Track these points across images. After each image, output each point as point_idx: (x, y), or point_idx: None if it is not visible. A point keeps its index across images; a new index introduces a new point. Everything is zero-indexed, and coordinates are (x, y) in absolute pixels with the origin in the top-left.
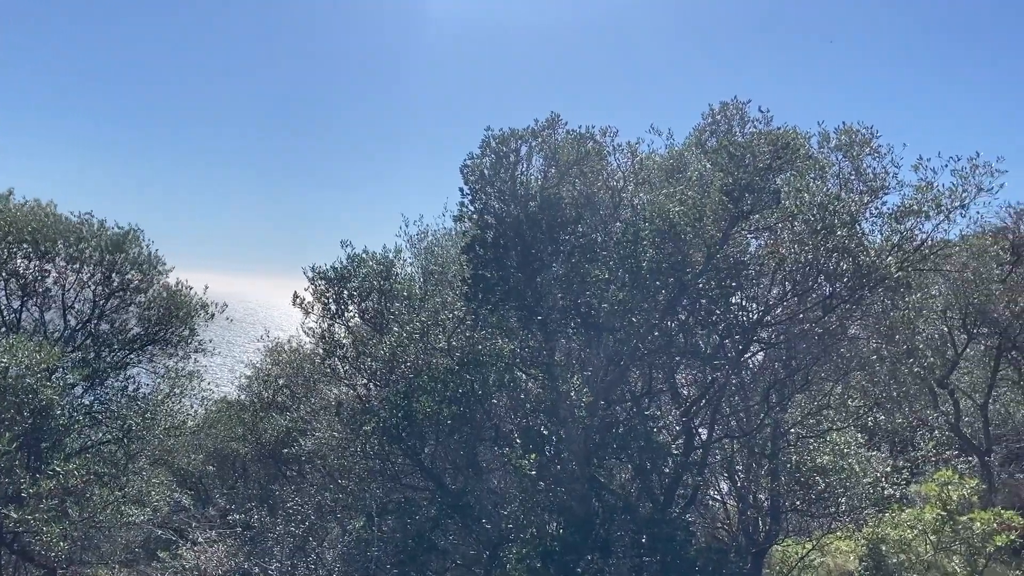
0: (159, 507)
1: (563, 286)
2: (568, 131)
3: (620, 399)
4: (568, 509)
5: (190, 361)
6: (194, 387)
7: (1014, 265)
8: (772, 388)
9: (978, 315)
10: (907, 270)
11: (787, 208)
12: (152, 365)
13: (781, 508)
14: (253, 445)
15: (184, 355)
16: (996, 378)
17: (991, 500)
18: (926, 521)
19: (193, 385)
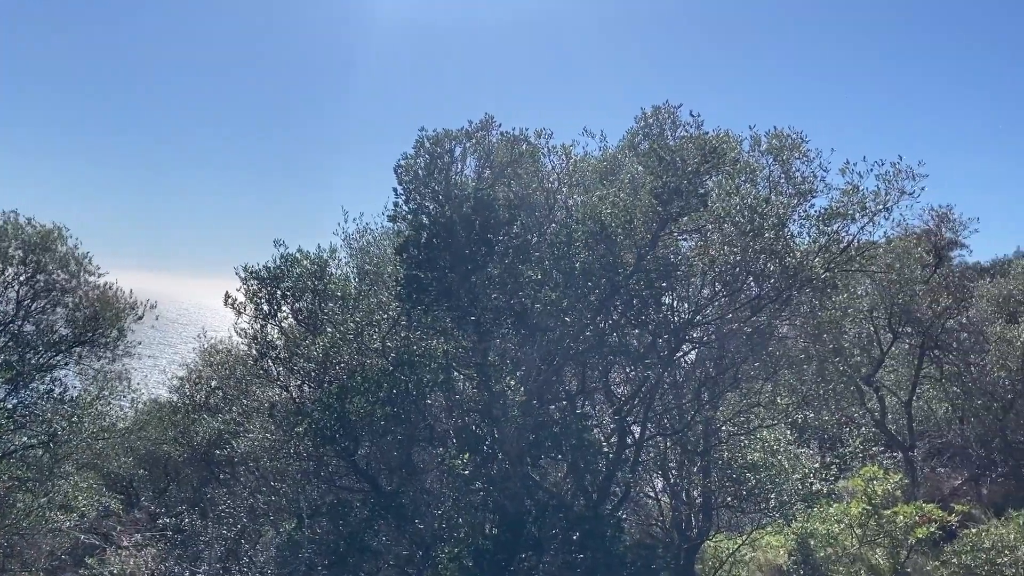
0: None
1: (497, 287)
2: (502, 133)
3: (554, 398)
4: (501, 508)
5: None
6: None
7: (936, 266)
8: (703, 386)
9: (902, 315)
10: (834, 271)
11: (716, 210)
12: (80, 367)
13: (713, 504)
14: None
15: (113, 357)
16: (919, 376)
17: (914, 494)
18: (852, 515)
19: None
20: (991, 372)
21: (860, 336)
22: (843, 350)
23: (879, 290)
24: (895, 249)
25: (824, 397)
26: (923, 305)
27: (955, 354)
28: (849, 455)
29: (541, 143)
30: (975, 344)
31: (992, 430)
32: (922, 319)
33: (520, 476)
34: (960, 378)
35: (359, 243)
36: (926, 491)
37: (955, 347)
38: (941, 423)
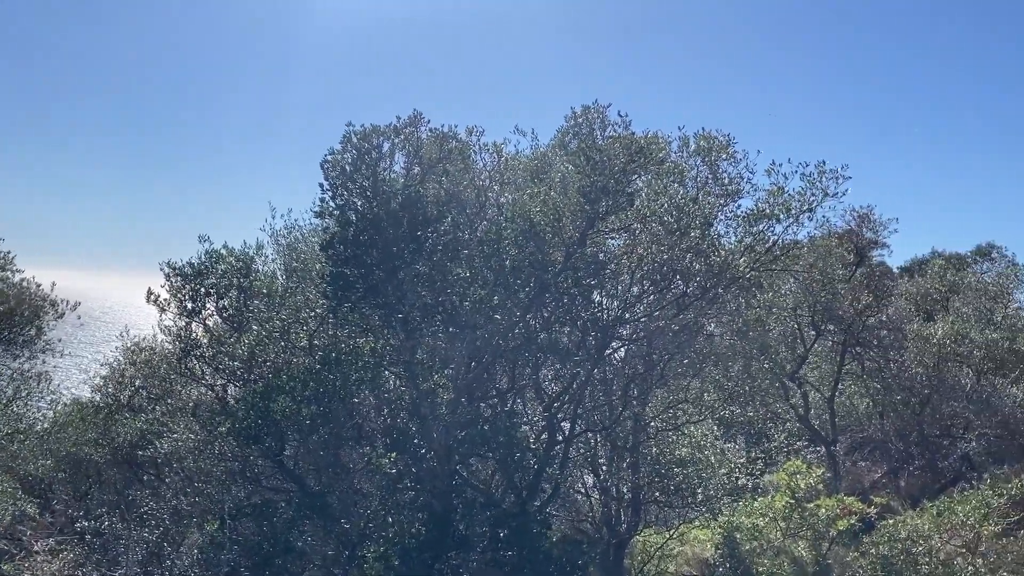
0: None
1: (426, 284)
2: (431, 129)
3: (485, 396)
4: (428, 506)
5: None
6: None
7: (857, 265)
8: (632, 383)
9: (825, 313)
10: (759, 270)
11: (641, 210)
12: None
13: (642, 500)
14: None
15: (31, 355)
16: (841, 372)
17: (836, 487)
18: (776, 509)
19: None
20: (909, 368)
21: (784, 334)
22: (768, 347)
23: (803, 289)
24: (818, 248)
25: (750, 393)
26: (845, 303)
27: (875, 351)
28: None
29: (472, 140)
30: (894, 341)
31: (910, 424)
32: (844, 317)
33: (448, 474)
34: (880, 374)
35: (287, 240)
36: (847, 484)
37: (875, 344)
38: (862, 418)
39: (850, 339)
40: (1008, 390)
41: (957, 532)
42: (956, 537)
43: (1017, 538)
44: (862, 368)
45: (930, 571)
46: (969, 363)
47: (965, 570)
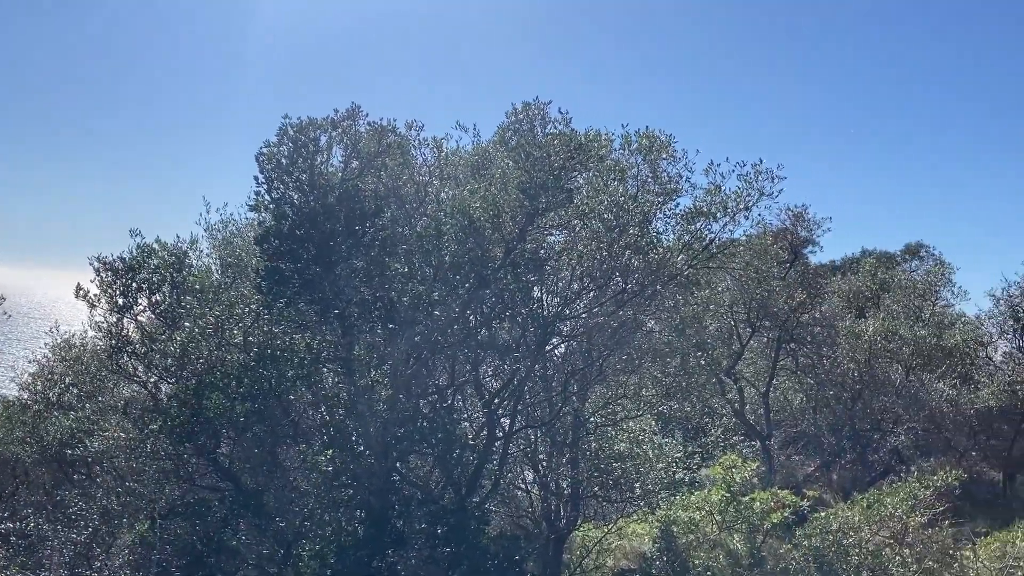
0: None
1: (363, 279)
2: (370, 123)
3: (424, 392)
4: (365, 504)
5: None
6: None
7: (792, 263)
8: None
9: (760, 310)
10: (696, 268)
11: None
12: None
13: (581, 494)
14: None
15: None
16: (776, 368)
17: (771, 480)
18: (712, 502)
19: None
20: (841, 364)
21: (721, 330)
22: (705, 344)
23: (739, 286)
24: (754, 247)
25: (687, 389)
26: (780, 301)
27: (809, 347)
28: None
29: (412, 135)
30: (827, 338)
31: (842, 419)
32: (779, 314)
33: (385, 472)
34: (814, 370)
35: (223, 234)
36: (782, 477)
37: (809, 340)
38: (796, 413)
39: (784, 336)
40: (935, 385)
41: (886, 523)
42: (885, 528)
43: (941, 528)
44: (796, 364)
45: (860, 562)
46: (898, 359)
47: (892, 560)
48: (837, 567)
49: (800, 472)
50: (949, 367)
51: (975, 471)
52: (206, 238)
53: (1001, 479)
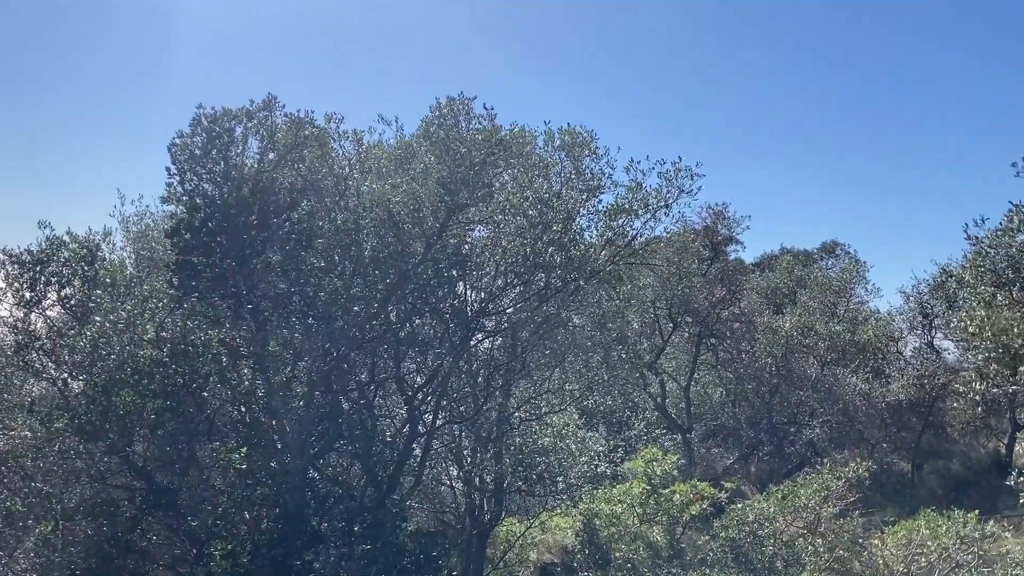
0: None
1: (279, 274)
2: (287, 114)
3: (344, 389)
4: (281, 501)
5: None
6: None
7: (712, 260)
8: (495, 374)
9: (682, 305)
10: (618, 264)
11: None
12: None
13: (505, 489)
14: None
15: None
16: (697, 362)
17: (691, 473)
18: (634, 495)
19: None
20: (759, 359)
21: (644, 325)
22: (627, 338)
23: (661, 282)
24: (675, 244)
25: (609, 383)
26: (700, 297)
27: (728, 342)
28: (634, 438)
29: (331, 127)
30: (746, 333)
31: (760, 412)
32: (699, 310)
33: (302, 469)
34: (733, 364)
35: (138, 227)
36: (702, 470)
37: (728, 336)
38: (716, 406)
39: (705, 331)
40: (848, 379)
41: (800, 514)
42: (799, 519)
43: (852, 518)
44: (716, 358)
45: (774, 552)
46: (814, 354)
47: (806, 550)
48: (752, 557)
49: (719, 464)
50: (862, 362)
51: (886, 462)
52: (120, 231)
53: (910, 469)
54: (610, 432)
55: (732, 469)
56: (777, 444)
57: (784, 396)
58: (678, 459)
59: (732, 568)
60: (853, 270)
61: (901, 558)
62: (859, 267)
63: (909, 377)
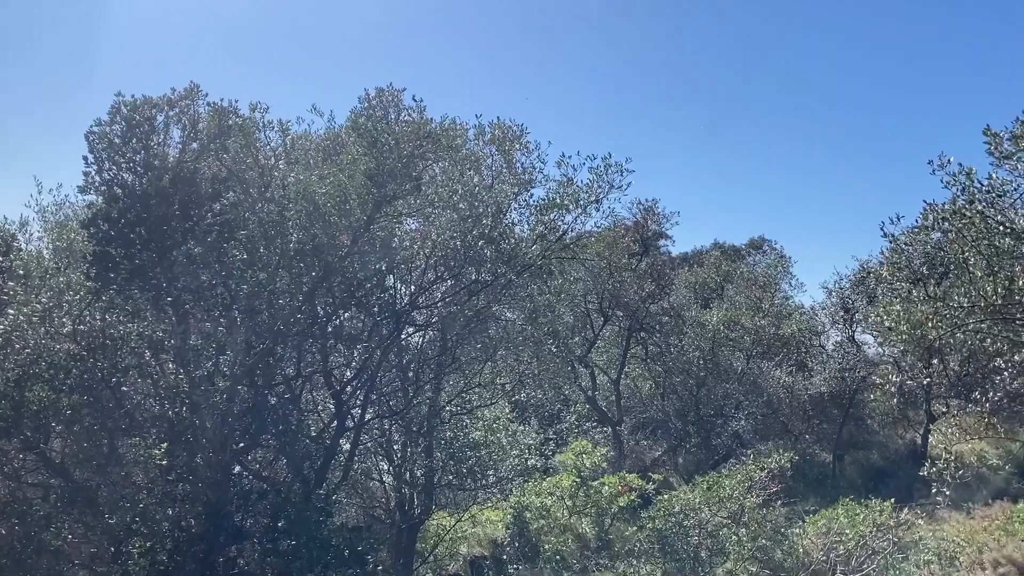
0: None
1: (200, 266)
2: (210, 103)
3: (270, 383)
4: (202, 498)
5: None
6: None
7: (642, 255)
8: (425, 368)
9: (612, 299)
10: (549, 258)
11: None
12: None
13: (435, 483)
14: None
15: None
16: (627, 356)
17: (620, 465)
18: (564, 488)
19: None
20: (687, 352)
21: (575, 319)
22: (559, 333)
23: (592, 277)
24: (606, 238)
25: (540, 376)
26: (631, 291)
27: (658, 336)
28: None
29: (257, 117)
30: (675, 327)
31: (688, 405)
32: (630, 304)
33: (224, 464)
34: (662, 358)
35: (56, 217)
36: (631, 462)
37: (658, 329)
38: (645, 399)
39: (635, 325)
40: (773, 372)
41: (724, 505)
42: (723, 509)
43: (775, 508)
44: (646, 352)
45: (699, 542)
46: (740, 347)
47: (729, 539)
48: (678, 547)
49: (648, 456)
50: (786, 355)
51: (808, 453)
52: (38, 221)
53: (831, 460)
54: (542, 425)
55: (660, 461)
56: (704, 436)
57: (711, 389)
58: (607, 451)
59: (658, 558)
60: (779, 265)
61: (821, 546)
62: (784, 262)
63: (831, 370)
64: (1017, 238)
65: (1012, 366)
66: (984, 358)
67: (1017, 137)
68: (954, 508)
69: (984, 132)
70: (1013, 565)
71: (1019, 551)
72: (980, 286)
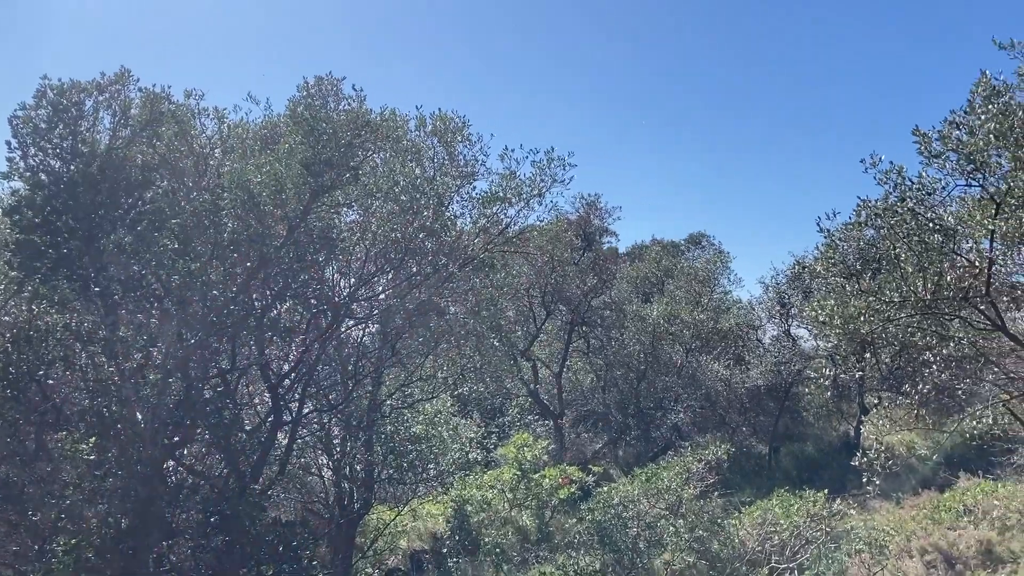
0: None
1: (130, 255)
2: (142, 89)
3: (204, 376)
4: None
5: None
6: None
7: (585, 250)
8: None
9: (555, 293)
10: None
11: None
12: None
13: (375, 478)
14: None
15: None
16: (569, 349)
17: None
18: (504, 481)
19: None
20: (628, 346)
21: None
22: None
23: (535, 270)
24: (549, 232)
25: (482, 370)
26: (573, 285)
27: (600, 330)
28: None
29: (192, 103)
30: (616, 321)
31: (628, 398)
32: (572, 298)
33: (155, 459)
34: (603, 351)
35: None
36: (572, 455)
37: (600, 323)
38: (587, 392)
39: (577, 318)
40: (711, 366)
41: (662, 496)
42: (662, 501)
43: (712, 499)
44: (588, 345)
45: (638, 533)
46: (680, 341)
47: (667, 530)
48: (617, 539)
49: (589, 449)
50: (724, 349)
51: (745, 445)
52: None
53: (767, 451)
54: (484, 419)
55: (601, 453)
56: (644, 428)
57: (651, 382)
58: (549, 444)
59: (597, 550)
60: (717, 261)
61: (756, 536)
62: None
63: (767, 364)
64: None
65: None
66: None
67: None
68: (885, 498)
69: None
70: (939, 552)
71: (945, 539)
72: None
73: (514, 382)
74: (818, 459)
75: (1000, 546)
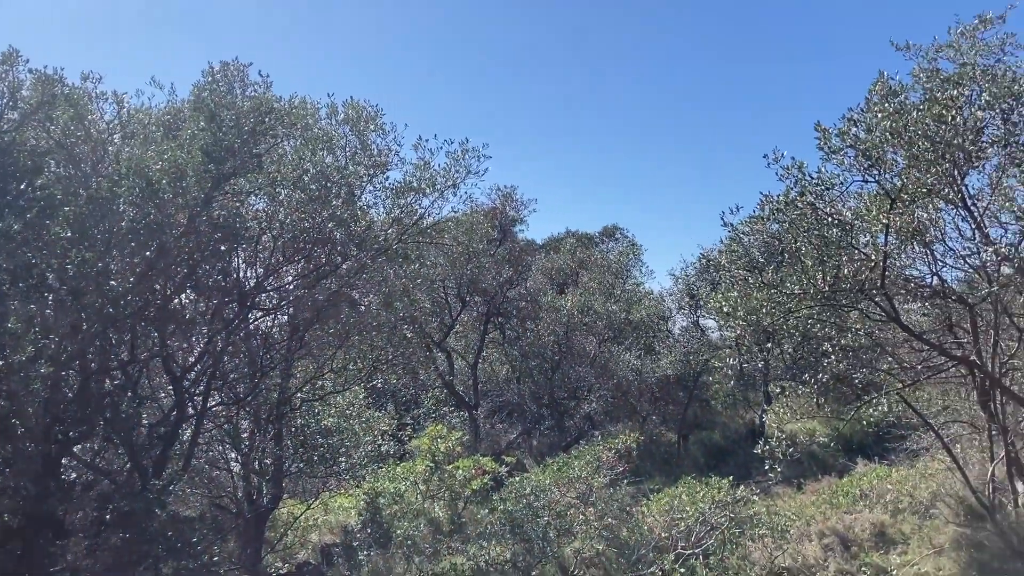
0: None
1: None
2: (32, 70)
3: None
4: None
5: None
6: None
7: (501, 241)
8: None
9: (470, 284)
10: (406, 242)
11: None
12: None
13: (285, 471)
14: None
15: None
16: (485, 340)
17: (476, 449)
18: (417, 473)
19: None
20: (543, 336)
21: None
22: (416, 317)
23: (450, 261)
24: (464, 224)
25: (395, 361)
26: (488, 276)
27: (515, 321)
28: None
29: (88, 87)
30: (531, 312)
31: (543, 388)
32: (487, 289)
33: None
34: (519, 342)
35: None
36: (487, 445)
37: (515, 314)
38: (502, 383)
39: (492, 310)
40: (623, 356)
41: (573, 485)
42: (572, 490)
43: (621, 487)
44: (503, 336)
45: (549, 522)
46: (593, 332)
47: (576, 519)
48: (528, 528)
49: (504, 439)
50: (635, 339)
51: (655, 433)
52: None
53: (677, 440)
54: (399, 410)
55: (516, 443)
56: (558, 418)
57: (565, 372)
58: (463, 436)
59: (509, 539)
60: (630, 253)
61: (663, 523)
62: (636, 250)
63: (677, 354)
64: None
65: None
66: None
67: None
68: (787, 483)
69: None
70: (836, 535)
71: (842, 522)
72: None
73: (429, 374)
74: (725, 447)
75: (892, 528)
